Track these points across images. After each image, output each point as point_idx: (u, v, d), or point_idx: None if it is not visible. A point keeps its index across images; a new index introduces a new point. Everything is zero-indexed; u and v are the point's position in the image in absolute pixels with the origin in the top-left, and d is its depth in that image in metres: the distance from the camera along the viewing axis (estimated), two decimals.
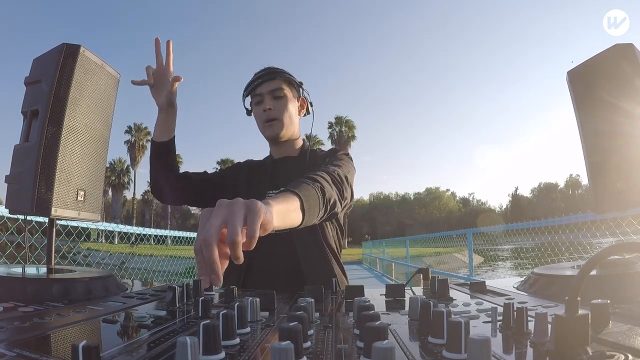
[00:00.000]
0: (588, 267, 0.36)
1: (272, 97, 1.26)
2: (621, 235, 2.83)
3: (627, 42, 0.78)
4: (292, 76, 1.32)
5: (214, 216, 0.56)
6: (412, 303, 0.50)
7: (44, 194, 0.83)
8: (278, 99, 1.26)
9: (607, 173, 0.81)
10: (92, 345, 0.29)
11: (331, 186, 0.98)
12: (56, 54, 0.88)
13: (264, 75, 1.28)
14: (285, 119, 1.26)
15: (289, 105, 1.27)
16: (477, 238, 5.86)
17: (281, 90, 1.26)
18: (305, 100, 1.36)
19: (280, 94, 1.26)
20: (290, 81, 1.30)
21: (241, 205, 0.58)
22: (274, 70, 1.29)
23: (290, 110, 1.28)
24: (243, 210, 0.57)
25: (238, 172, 1.39)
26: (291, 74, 1.32)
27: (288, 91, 1.28)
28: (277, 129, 1.26)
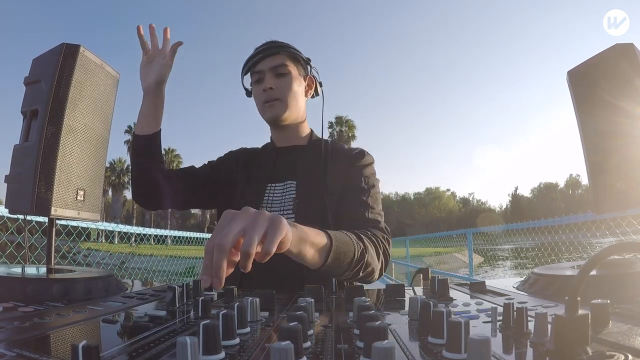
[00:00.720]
0: (588, 267, 0.36)
1: (274, 74, 1.10)
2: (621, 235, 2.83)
3: (627, 42, 0.78)
4: (298, 51, 1.15)
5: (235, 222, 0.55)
6: (412, 303, 0.50)
7: (44, 194, 0.83)
8: (281, 77, 1.10)
9: (607, 173, 0.81)
10: (92, 345, 0.29)
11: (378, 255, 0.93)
12: (56, 54, 0.88)
13: (265, 49, 1.11)
14: (288, 100, 1.10)
15: (294, 84, 1.11)
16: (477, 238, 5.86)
17: (284, 67, 1.10)
18: (314, 80, 1.19)
19: (283, 71, 1.10)
20: (295, 57, 1.14)
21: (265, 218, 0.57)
22: (278, 44, 1.12)
23: (295, 90, 1.11)
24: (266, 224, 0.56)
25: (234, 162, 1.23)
26: (297, 49, 1.16)
27: (293, 68, 1.12)
28: (278, 111, 1.10)
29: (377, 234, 0.98)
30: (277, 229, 0.56)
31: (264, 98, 1.10)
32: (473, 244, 5.64)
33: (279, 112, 1.10)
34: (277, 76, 1.10)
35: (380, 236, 0.98)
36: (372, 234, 0.96)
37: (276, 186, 1.15)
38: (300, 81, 1.14)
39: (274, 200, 1.12)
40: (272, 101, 1.10)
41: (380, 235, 0.99)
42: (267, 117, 1.13)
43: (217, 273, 0.54)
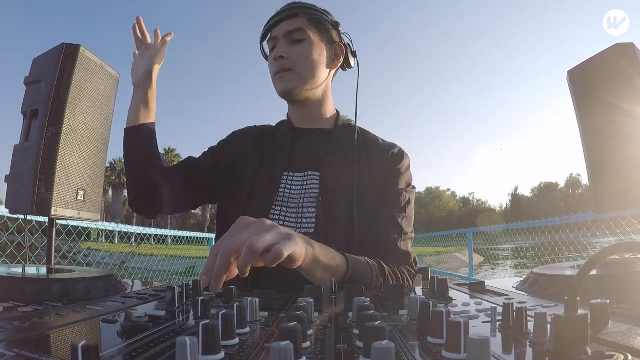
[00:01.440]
0: (588, 267, 0.36)
1: (288, 40, 0.95)
2: (621, 235, 2.83)
3: (627, 42, 0.78)
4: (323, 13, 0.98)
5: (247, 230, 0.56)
6: (411, 303, 0.50)
7: (44, 194, 0.83)
8: (296, 44, 0.95)
9: (607, 173, 0.80)
10: (92, 345, 0.29)
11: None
12: (56, 54, 0.88)
13: (282, 11, 0.97)
14: (303, 70, 0.95)
15: (312, 52, 0.95)
16: (477, 238, 5.86)
17: (302, 32, 0.95)
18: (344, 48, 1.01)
19: (299, 37, 0.95)
20: (318, 20, 0.97)
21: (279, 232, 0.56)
22: (297, 5, 0.97)
23: (313, 59, 0.95)
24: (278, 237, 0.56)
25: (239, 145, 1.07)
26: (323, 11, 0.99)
27: (313, 33, 0.96)
28: (289, 83, 0.95)
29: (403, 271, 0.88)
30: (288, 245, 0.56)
31: (275, 68, 0.97)
32: (473, 243, 5.64)
33: (290, 84, 0.96)
34: (292, 43, 0.95)
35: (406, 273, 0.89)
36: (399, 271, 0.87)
37: (295, 176, 0.99)
38: (321, 49, 0.97)
39: (292, 194, 0.97)
40: (283, 72, 0.95)
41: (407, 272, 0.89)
42: (277, 90, 0.98)
43: (216, 277, 0.54)
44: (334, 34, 1.00)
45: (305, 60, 0.95)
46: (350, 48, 1.04)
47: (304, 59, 0.95)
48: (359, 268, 0.76)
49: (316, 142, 1.00)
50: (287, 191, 0.97)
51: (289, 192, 0.97)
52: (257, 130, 1.09)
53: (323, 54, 0.98)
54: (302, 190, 0.97)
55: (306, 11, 0.96)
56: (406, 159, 1.04)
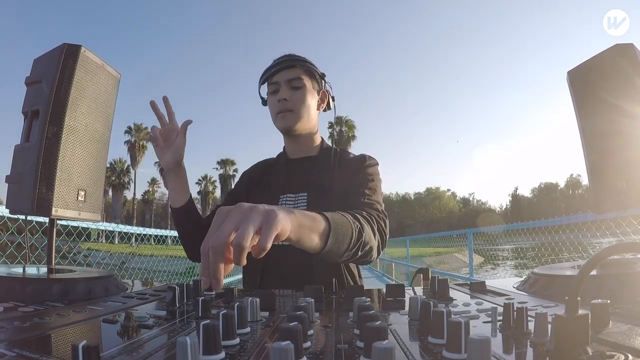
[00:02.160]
0: (588, 267, 0.36)
1: (289, 86, 1.15)
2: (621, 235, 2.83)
3: (627, 42, 0.78)
4: (314, 66, 1.20)
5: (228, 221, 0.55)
6: (412, 303, 0.50)
7: (45, 194, 0.83)
8: (295, 90, 1.15)
9: (607, 173, 0.81)
10: (92, 345, 0.29)
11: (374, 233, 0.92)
12: (57, 54, 0.88)
13: (282, 62, 1.17)
14: (301, 112, 1.15)
15: (307, 97, 1.16)
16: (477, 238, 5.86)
17: (300, 80, 1.15)
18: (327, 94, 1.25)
19: (298, 85, 1.15)
20: (311, 72, 1.19)
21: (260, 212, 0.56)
22: (294, 58, 1.18)
23: (308, 103, 1.17)
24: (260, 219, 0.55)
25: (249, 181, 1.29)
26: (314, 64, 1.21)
27: (307, 82, 1.17)
28: (290, 121, 1.15)
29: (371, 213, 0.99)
30: (271, 224, 0.56)
31: (278, 108, 1.15)
32: (473, 244, 5.64)
33: (291, 122, 1.15)
34: (292, 89, 1.15)
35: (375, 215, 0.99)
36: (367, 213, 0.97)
37: (289, 197, 1.18)
38: (313, 95, 1.19)
39: None
40: (285, 112, 1.15)
41: (375, 214, 1.00)
42: (279, 126, 1.18)
43: (215, 275, 0.54)
44: (321, 83, 1.23)
45: (303, 103, 1.15)
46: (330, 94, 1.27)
47: (302, 103, 1.15)
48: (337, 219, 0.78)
49: (305, 167, 1.22)
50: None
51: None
52: (262, 165, 1.33)
53: (315, 98, 1.21)
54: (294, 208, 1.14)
55: (302, 63, 1.17)
56: (370, 160, 1.21)
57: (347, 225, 0.80)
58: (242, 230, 0.53)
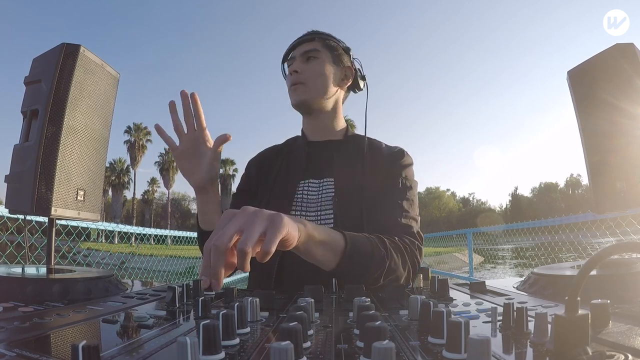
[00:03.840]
0: (588, 267, 0.36)
1: (304, 59, 1.06)
2: (621, 235, 2.83)
3: (627, 42, 0.78)
4: (335, 39, 1.10)
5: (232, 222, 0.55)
6: (412, 303, 0.50)
7: (44, 194, 0.83)
8: (310, 61, 1.06)
9: (607, 173, 0.81)
10: (92, 345, 0.29)
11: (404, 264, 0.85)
12: (56, 53, 0.88)
13: (302, 36, 1.10)
14: (315, 84, 1.04)
15: (323, 69, 1.05)
16: (477, 238, 5.87)
17: (315, 52, 1.06)
18: (354, 71, 1.12)
19: (313, 55, 1.06)
20: (330, 45, 1.08)
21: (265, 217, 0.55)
22: (313, 32, 1.10)
23: (325, 75, 1.05)
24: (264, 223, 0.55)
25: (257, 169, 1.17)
26: (337, 38, 1.11)
27: (325, 54, 1.07)
28: (301, 95, 1.05)
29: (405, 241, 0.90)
30: (276, 228, 0.55)
31: (290, 82, 1.06)
32: (473, 243, 5.64)
33: (301, 96, 1.05)
34: (307, 60, 1.06)
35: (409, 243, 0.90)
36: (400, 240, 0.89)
37: (311, 183, 1.06)
38: (331, 68, 1.08)
39: (310, 198, 1.04)
40: (297, 84, 1.05)
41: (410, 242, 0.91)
42: (291, 101, 1.07)
43: (216, 275, 0.54)
44: (345, 58, 1.11)
45: (317, 76, 1.05)
46: (360, 72, 1.14)
47: (316, 74, 1.05)
48: (358, 240, 0.75)
49: (329, 151, 1.09)
50: (305, 196, 1.05)
51: (307, 197, 1.05)
52: (270, 151, 1.20)
53: (333, 73, 1.08)
54: (318, 194, 1.04)
55: (321, 36, 1.09)
56: (407, 157, 1.10)
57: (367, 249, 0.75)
58: (246, 235, 0.53)
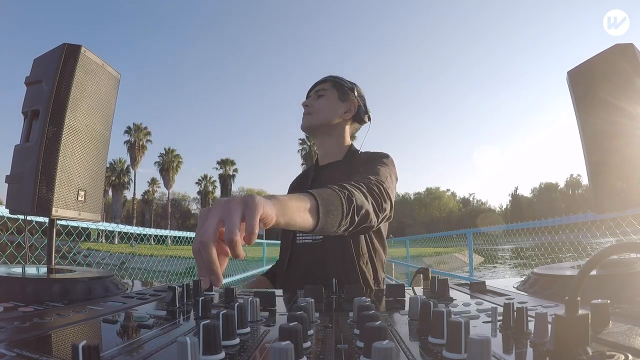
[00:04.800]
0: (588, 267, 0.36)
1: (315, 96, 1.32)
2: (621, 235, 2.83)
3: (627, 42, 0.78)
4: (343, 80, 1.35)
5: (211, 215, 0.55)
6: (412, 303, 0.50)
7: (45, 194, 0.83)
8: (319, 97, 1.31)
9: (607, 173, 0.81)
10: (92, 345, 0.29)
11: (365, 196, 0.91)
12: (57, 54, 0.88)
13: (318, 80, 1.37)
14: (319, 114, 1.29)
15: (329, 103, 1.30)
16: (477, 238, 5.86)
17: (324, 91, 1.31)
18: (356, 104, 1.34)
19: (322, 93, 1.31)
20: (338, 84, 1.34)
21: (238, 201, 0.57)
22: (329, 76, 1.37)
23: (329, 108, 1.30)
24: (240, 207, 0.56)
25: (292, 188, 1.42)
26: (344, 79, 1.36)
27: (332, 91, 1.32)
28: (307, 121, 1.30)
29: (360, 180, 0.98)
30: (252, 208, 0.56)
31: (304, 113, 1.32)
32: (473, 244, 5.64)
33: (307, 122, 1.30)
34: (317, 97, 1.32)
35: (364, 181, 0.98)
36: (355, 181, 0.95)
37: None
38: (337, 103, 1.32)
39: None
40: (306, 115, 1.31)
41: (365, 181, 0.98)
42: (301, 125, 1.33)
43: (212, 270, 0.54)
44: (351, 95, 1.34)
45: (323, 107, 1.30)
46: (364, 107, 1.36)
47: (322, 107, 1.30)
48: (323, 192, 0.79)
49: (331, 172, 1.31)
50: None
51: None
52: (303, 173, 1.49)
53: (337, 107, 1.32)
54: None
55: (332, 78, 1.35)
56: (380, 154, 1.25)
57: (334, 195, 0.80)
58: (229, 223, 0.54)
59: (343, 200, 0.82)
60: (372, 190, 0.96)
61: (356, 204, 0.85)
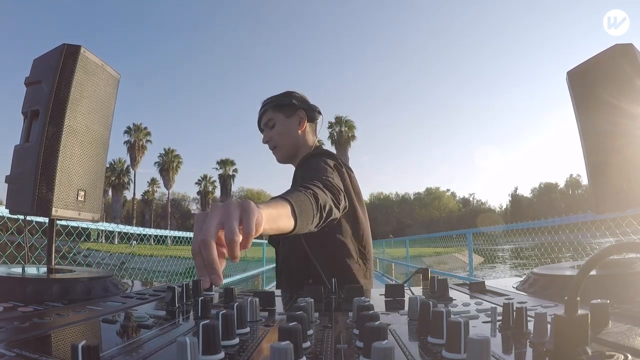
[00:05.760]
0: (588, 267, 0.36)
1: (268, 128, 1.36)
2: (621, 235, 2.83)
3: (627, 42, 0.78)
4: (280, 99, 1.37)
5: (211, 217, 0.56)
6: (411, 303, 0.50)
7: (45, 194, 0.83)
8: (272, 128, 1.36)
9: (607, 173, 0.81)
10: (92, 345, 0.29)
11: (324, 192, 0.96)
12: (57, 54, 0.88)
13: (259, 111, 1.40)
14: (282, 143, 1.35)
15: (283, 129, 1.35)
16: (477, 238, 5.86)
17: (271, 120, 1.36)
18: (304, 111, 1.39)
19: (272, 124, 1.36)
20: (278, 105, 1.36)
21: (236, 205, 0.58)
22: (265, 103, 1.38)
23: (286, 132, 1.35)
24: (238, 210, 0.57)
25: None
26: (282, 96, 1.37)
27: (278, 116, 1.35)
28: (278, 156, 1.37)
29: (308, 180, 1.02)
30: (249, 212, 0.58)
31: (269, 148, 1.38)
32: (473, 244, 5.63)
33: (279, 155, 1.38)
34: (270, 128, 1.36)
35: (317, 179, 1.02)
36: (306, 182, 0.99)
37: None
38: (288, 122, 1.36)
39: None
40: (274, 149, 1.37)
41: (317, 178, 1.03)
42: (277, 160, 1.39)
43: (213, 269, 0.54)
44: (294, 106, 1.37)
45: (280, 136, 1.35)
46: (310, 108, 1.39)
47: (279, 136, 1.35)
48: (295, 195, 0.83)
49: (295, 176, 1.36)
50: None
51: None
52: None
53: (290, 125, 1.36)
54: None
55: (270, 104, 1.37)
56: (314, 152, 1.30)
57: (302, 196, 0.84)
58: (229, 226, 0.55)
59: (311, 200, 0.87)
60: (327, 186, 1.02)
61: (321, 200, 0.91)
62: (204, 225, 0.56)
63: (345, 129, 42.10)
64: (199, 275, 0.57)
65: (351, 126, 42.47)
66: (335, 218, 1.00)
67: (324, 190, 0.97)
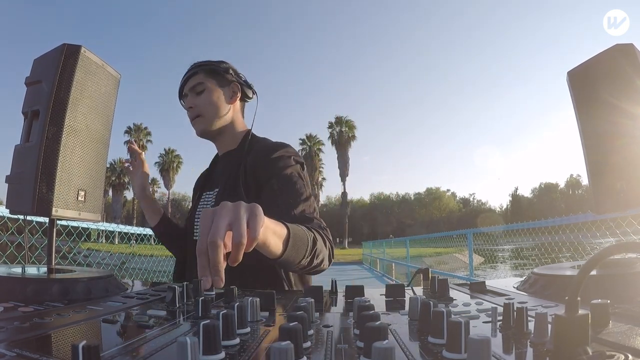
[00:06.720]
0: (588, 267, 0.36)
1: (194, 94, 1.19)
2: (621, 235, 2.83)
3: (627, 42, 0.78)
4: (215, 64, 1.22)
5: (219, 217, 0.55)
6: (412, 303, 0.50)
7: (45, 194, 0.83)
8: (199, 94, 1.19)
9: (607, 173, 0.80)
10: (92, 345, 0.29)
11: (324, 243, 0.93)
12: (57, 54, 0.88)
13: (186, 73, 1.23)
14: (208, 113, 1.19)
15: (212, 97, 1.19)
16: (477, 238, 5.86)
17: (201, 85, 1.19)
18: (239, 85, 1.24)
19: (200, 89, 1.19)
20: (212, 71, 1.21)
21: (245, 209, 0.58)
22: (195, 65, 1.22)
23: (215, 102, 1.19)
24: (247, 214, 0.57)
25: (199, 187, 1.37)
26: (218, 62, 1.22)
27: (210, 82, 1.20)
28: (200, 126, 1.20)
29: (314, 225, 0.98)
30: (258, 217, 0.58)
31: (190, 117, 1.22)
32: (473, 244, 5.64)
33: (202, 126, 1.21)
34: (197, 94, 1.19)
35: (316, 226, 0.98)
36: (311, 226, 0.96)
37: (207, 194, 1.27)
38: (219, 92, 1.21)
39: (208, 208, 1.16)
40: (195, 118, 1.20)
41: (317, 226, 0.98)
42: (196, 132, 1.23)
43: (217, 271, 0.54)
44: (229, 76, 1.23)
45: (209, 105, 1.19)
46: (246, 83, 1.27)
47: (207, 104, 1.19)
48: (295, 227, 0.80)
49: (225, 162, 1.26)
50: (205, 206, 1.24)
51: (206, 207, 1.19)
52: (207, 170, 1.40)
53: (221, 95, 1.21)
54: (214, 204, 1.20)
55: (203, 67, 1.21)
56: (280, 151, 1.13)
57: (303, 233, 0.82)
58: (237, 228, 0.55)
59: (309, 240, 0.84)
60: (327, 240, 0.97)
61: (318, 248, 0.88)
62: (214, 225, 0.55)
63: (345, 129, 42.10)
64: (200, 275, 0.56)
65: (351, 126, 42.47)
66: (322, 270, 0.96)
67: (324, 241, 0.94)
